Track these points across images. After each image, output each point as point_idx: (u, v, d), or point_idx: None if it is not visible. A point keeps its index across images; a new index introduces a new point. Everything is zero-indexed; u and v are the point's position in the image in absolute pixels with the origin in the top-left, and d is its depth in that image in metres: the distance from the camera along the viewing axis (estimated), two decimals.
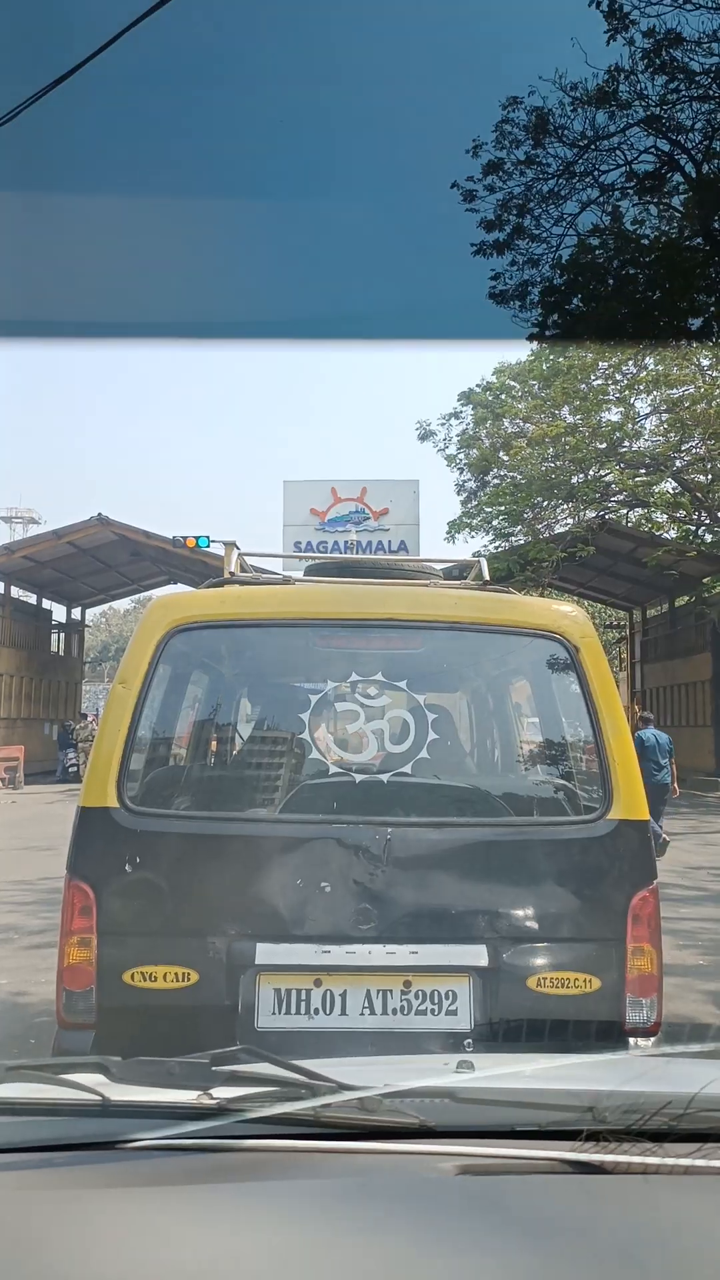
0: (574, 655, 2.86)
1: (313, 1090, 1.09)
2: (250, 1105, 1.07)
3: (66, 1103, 1.10)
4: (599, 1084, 1.21)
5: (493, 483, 22.77)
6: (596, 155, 17.00)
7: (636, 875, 2.72)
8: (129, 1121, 1.07)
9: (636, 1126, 1.03)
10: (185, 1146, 1.05)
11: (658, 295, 16.81)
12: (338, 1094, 1.07)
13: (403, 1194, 0.98)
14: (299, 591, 3.18)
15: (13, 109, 6.30)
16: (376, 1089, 1.08)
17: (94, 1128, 1.08)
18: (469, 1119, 1.09)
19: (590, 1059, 1.61)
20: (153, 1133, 1.05)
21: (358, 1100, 1.07)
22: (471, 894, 2.69)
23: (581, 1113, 1.06)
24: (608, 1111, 1.06)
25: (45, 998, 4.90)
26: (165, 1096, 1.11)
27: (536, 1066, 1.31)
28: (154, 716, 2.98)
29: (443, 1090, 1.12)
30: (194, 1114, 1.07)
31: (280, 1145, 1.05)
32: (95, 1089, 1.10)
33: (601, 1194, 0.98)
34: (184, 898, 2.69)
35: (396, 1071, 1.30)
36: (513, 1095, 1.13)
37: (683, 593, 25.79)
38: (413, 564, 4.08)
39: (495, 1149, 1.03)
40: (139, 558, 27.19)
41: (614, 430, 19.80)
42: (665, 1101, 1.04)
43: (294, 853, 2.69)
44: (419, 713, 2.91)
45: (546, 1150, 1.02)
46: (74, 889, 2.63)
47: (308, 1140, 1.05)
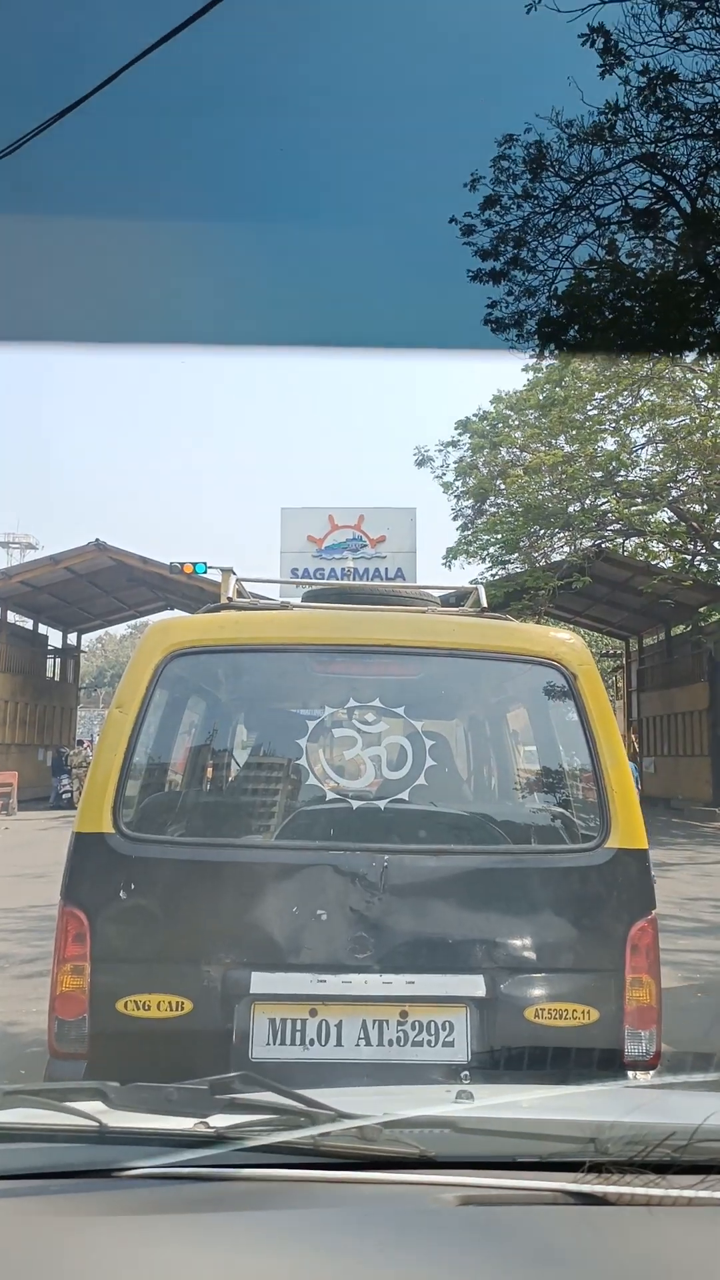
0: (572, 683, 2.86)
1: (312, 1118, 1.07)
2: (249, 1133, 1.05)
3: (64, 1129, 1.08)
4: (600, 1115, 1.19)
5: (490, 511, 22.88)
6: (592, 190, 17.29)
7: (635, 905, 2.69)
8: (126, 1149, 1.05)
9: (639, 1158, 1.01)
10: (183, 1175, 1.03)
11: (653, 327, 17.03)
12: (337, 1122, 1.05)
13: (403, 1225, 0.96)
14: (297, 617, 3.18)
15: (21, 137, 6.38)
16: (376, 1118, 1.06)
17: (91, 1154, 1.06)
18: (470, 1149, 1.07)
19: (591, 1089, 1.59)
20: (150, 1160, 1.04)
21: (357, 1129, 1.05)
22: (469, 923, 2.67)
23: (583, 1144, 1.05)
24: (609, 1143, 1.04)
25: (37, 1027, 4.83)
26: (163, 1123, 1.09)
27: (537, 1096, 1.30)
28: (151, 741, 2.97)
29: (443, 1120, 1.11)
30: (192, 1142, 1.05)
31: (279, 1174, 1.03)
32: (93, 1115, 1.08)
33: (604, 1226, 0.97)
34: (179, 925, 2.66)
35: (396, 1101, 1.28)
36: (514, 1126, 1.11)
37: (679, 622, 25.85)
38: (410, 590, 4.08)
39: (497, 1179, 1.01)
40: (136, 584, 27.22)
41: (610, 460, 19.95)
42: (668, 1133, 1.03)
43: (290, 880, 2.67)
44: (416, 739, 2.90)
45: (549, 1181, 1.01)
46: (68, 915, 2.61)
47: (307, 1169, 1.03)
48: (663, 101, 15.34)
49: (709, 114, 14.94)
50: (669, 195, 17.09)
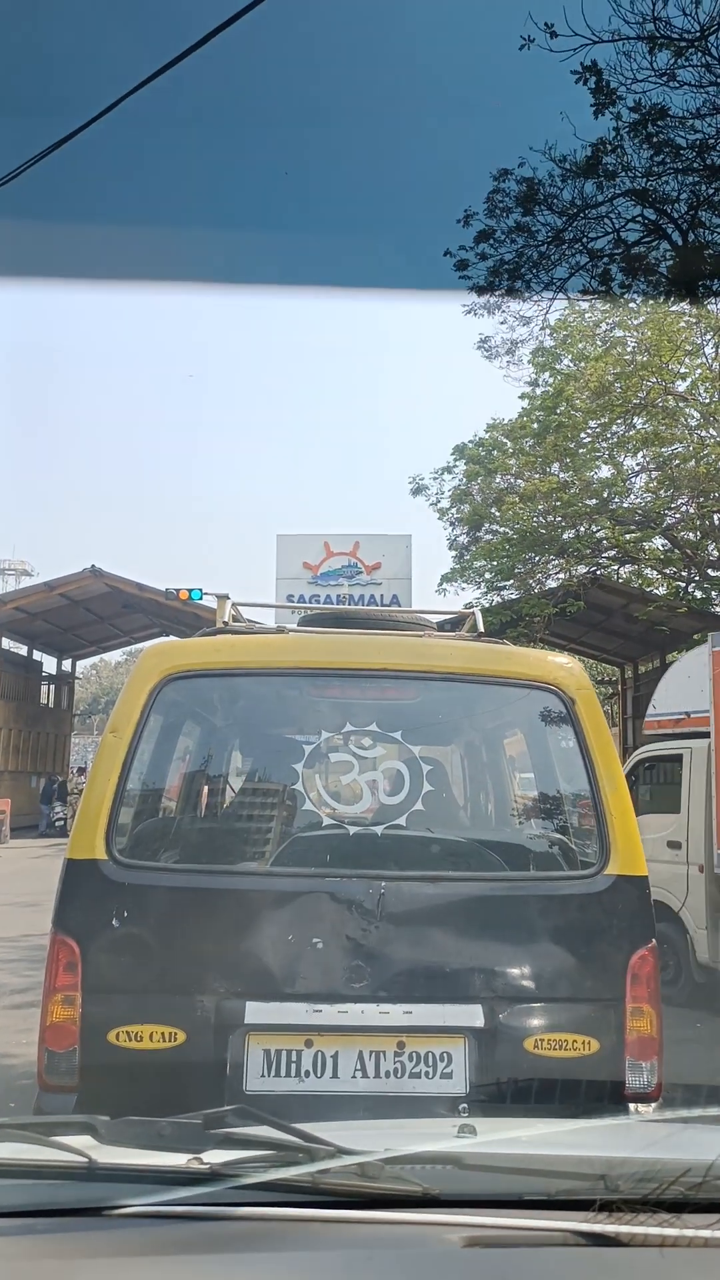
0: (570, 707, 2.84)
1: (310, 1155, 1.03)
2: (245, 1170, 1.01)
3: (52, 1165, 1.04)
4: (611, 1151, 1.15)
5: (485, 537, 22.95)
6: (585, 223, 17.54)
7: (635, 933, 2.66)
8: (117, 1186, 1.01)
9: (652, 1196, 0.97)
10: (176, 1214, 0.99)
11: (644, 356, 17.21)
12: (337, 1159, 1.01)
13: (407, 1267, 0.92)
14: (294, 641, 3.16)
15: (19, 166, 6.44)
16: (377, 1154, 1.02)
17: (80, 1192, 1.02)
18: (475, 1187, 1.03)
19: (601, 1124, 1.54)
20: (142, 1198, 0.99)
21: (358, 1166, 1.01)
22: (467, 951, 2.63)
23: (593, 1181, 1.01)
24: (621, 1180, 1.00)
25: (29, 1059, 4.76)
26: (155, 1160, 1.05)
27: (544, 1131, 1.26)
28: (145, 766, 2.93)
29: (447, 1156, 1.07)
30: (185, 1179, 1.01)
31: (276, 1214, 0.99)
32: (82, 1150, 1.04)
33: (616, 1267, 0.93)
34: (172, 953, 2.62)
35: (397, 1136, 1.24)
36: (521, 1162, 1.07)
37: (674, 649, 25.86)
38: (407, 615, 4.07)
39: (504, 1219, 0.97)
40: (131, 610, 27.20)
41: (605, 487, 20.06)
42: (682, 1170, 0.99)
43: (286, 907, 2.63)
44: (414, 764, 2.87)
45: (558, 1221, 0.96)
46: (59, 944, 2.56)
47: (306, 1209, 0.99)
48: (654, 137, 15.61)
49: (700, 150, 15.18)
50: (660, 229, 17.36)
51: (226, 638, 3.21)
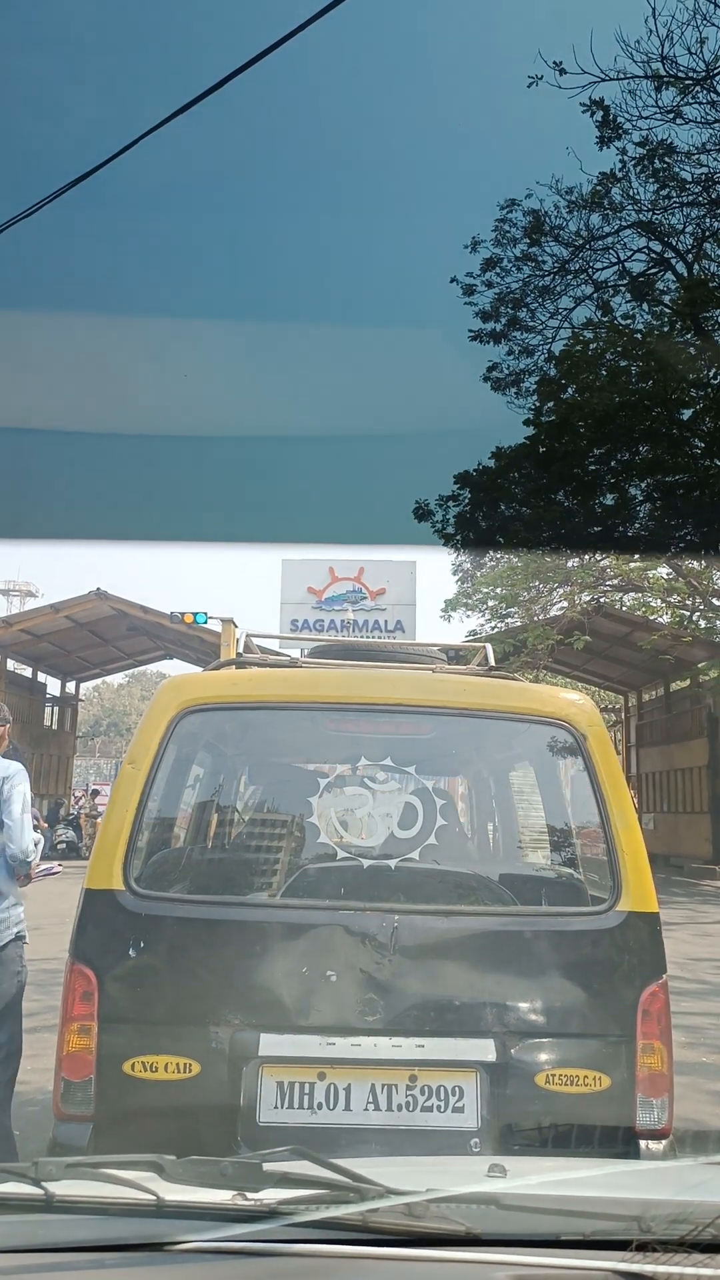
0: (581, 743, 2.87)
1: (361, 1194, 1.07)
2: (300, 1209, 1.05)
3: (120, 1202, 1.08)
4: (646, 1193, 1.19)
5: (489, 564, 23.04)
6: (590, 254, 17.79)
7: (647, 969, 2.68)
8: (180, 1223, 1.05)
9: (689, 1238, 1.00)
10: (236, 1250, 1.03)
11: (650, 386, 17.36)
12: (385, 1199, 1.05)
13: None
14: (309, 675, 3.20)
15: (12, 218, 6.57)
16: (422, 1194, 1.06)
17: (145, 1228, 1.06)
18: (515, 1227, 1.07)
19: (635, 1165, 1.57)
20: (204, 1235, 1.03)
21: (405, 1206, 1.05)
22: (479, 986, 2.65)
23: (629, 1222, 1.04)
24: (655, 1221, 1.04)
25: (37, 1085, 4.75)
26: (217, 1197, 1.09)
27: (580, 1175, 1.29)
28: (162, 798, 2.97)
29: (488, 1197, 1.10)
30: (245, 1216, 1.05)
31: (330, 1251, 1.03)
32: (148, 1188, 1.08)
33: None
34: (188, 985, 2.64)
35: (435, 1174, 1.28)
36: (558, 1203, 1.10)
37: (678, 677, 25.89)
38: (417, 648, 4.12)
39: (544, 1258, 1.01)
40: (136, 633, 27.29)
41: (609, 515, 20.15)
42: (718, 1213, 1.02)
43: (300, 939, 2.65)
44: (427, 798, 2.91)
45: (596, 1260, 1.00)
46: (76, 973, 2.58)
47: (357, 1245, 1.03)
48: (660, 171, 15.87)
49: (705, 185, 15.41)
50: (665, 260, 17.58)
51: (242, 671, 3.26)
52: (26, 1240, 1.05)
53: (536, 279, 18.05)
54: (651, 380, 17.59)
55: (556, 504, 20.40)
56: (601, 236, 17.43)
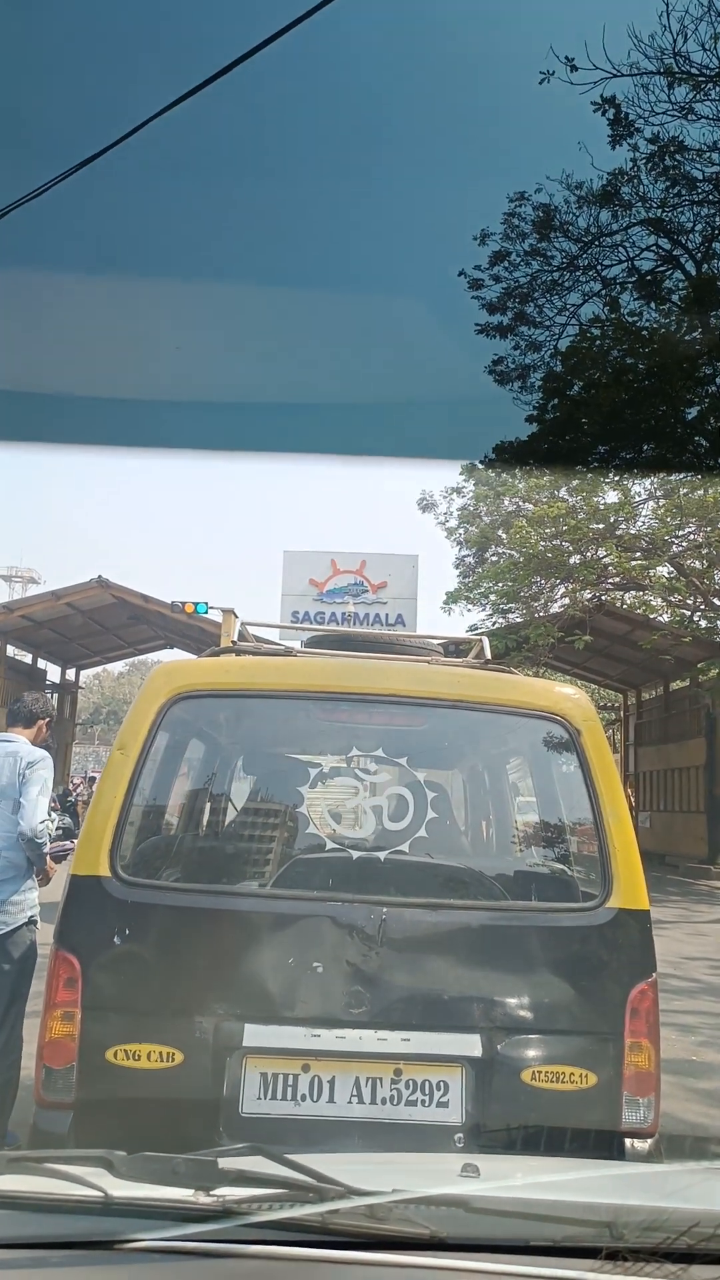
0: (576, 738, 2.85)
1: (320, 1194, 1.04)
2: (256, 1208, 1.02)
3: (67, 1199, 1.05)
4: (619, 1198, 1.16)
5: (491, 559, 23.00)
6: (599, 251, 17.70)
7: (636, 967, 2.65)
8: (130, 1220, 1.02)
9: (661, 1247, 0.97)
10: (187, 1250, 1.00)
11: (655, 383, 17.29)
12: (347, 1199, 1.02)
13: None
14: (302, 664, 3.17)
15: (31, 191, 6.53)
16: (386, 1195, 1.03)
17: (93, 1226, 1.03)
18: (482, 1231, 1.04)
19: (608, 1168, 1.54)
20: (154, 1233, 1.00)
21: (367, 1208, 1.02)
22: (466, 980, 2.63)
23: (600, 1228, 1.01)
24: (627, 1228, 1.00)
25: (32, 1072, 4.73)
26: (169, 1194, 1.06)
27: (552, 1179, 1.26)
28: (151, 784, 2.94)
29: (455, 1199, 1.07)
30: (197, 1215, 1.02)
31: (286, 1253, 1.00)
32: (97, 1184, 1.05)
33: None
34: (173, 973, 2.62)
35: (403, 1175, 1.25)
36: (527, 1206, 1.07)
37: (678, 677, 25.84)
38: (414, 639, 4.09)
39: (510, 1266, 0.98)
40: (137, 621, 27.25)
41: (612, 512, 20.11)
42: (692, 1221, 0.99)
43: (287, 930, 2.63)
44: (418, 790, 2.88)
45: (564, 1269, 0.97)
46: (60, 960, 2.56)
47: (315, 1248, 0.99)
48: (670, 169, 15.78)
49: (716, 183, 15.33)
50: (674, 258, 17.50)
51: (235, 659, 3.23)
52: None
53: (544, 274, 17.97)
54: (657, 378, 17.52)
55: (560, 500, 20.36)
56: (610, 233, 17.35)
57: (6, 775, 4.20)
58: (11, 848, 4.15)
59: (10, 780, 4.19)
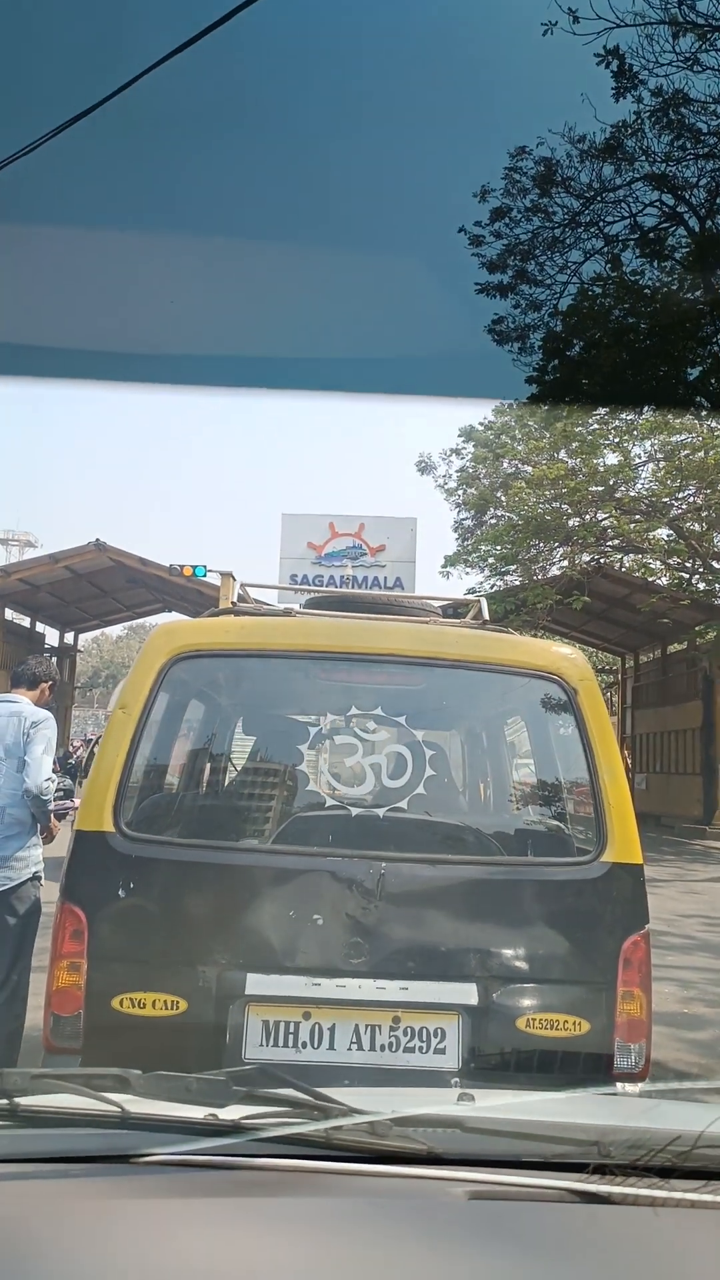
0: (572, 697, 2.88)
1: (324, 1113, 1.10)
2: (264, 1125, 1.08)
3: (86, 1114, 1.11)
4: (604, 1119, 1.23)
5: (490, 522, 22.95)
6: (601, 207, 17.43)
7: (629, 919, 2.72)
8: (146, 1135, 1.08)
9: (642, 1162, 1.04)
10: (200, 1163, 1.06)
11: (656, 344, 17.12)
12: (349, 1117, 1.09)
13: (413, 1216, 0.99)
14: (301, 624, 3.20)
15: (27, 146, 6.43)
16: (386, 1114, 1.09)
17: (112, 1140, 1.09)
18: (476, 1148, 1.10)
19: (594, 1094, 1.62)
20: (168, 1147, 1.07)
21: (368, 1125, 1.08)
22: (463, 932, 2.69)
23: (587, 1147, 1.08)
24: (613, 1146, 1.07)
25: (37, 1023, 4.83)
26: (182, 1112, 1.12)
27: (542, 1099, 1.33)
28: (153, 743, 2.98)
29: (451, 1119, 1.13)
30: (210, 1130, 1.08)
31: (292, 1165, 1.06)
32: (115, 1101, 1.11)
33: (608, 1224, 1.00)
34: (176, 925, 2.68)
35: (402, 1100, 1.32)
36: (519, 1127, 1.14)
37: (675, 640, 25.91)
38: (412, 600, 4.11)
39: (504, 1176, 1.05)
40: (135, 585, 27.22)
41: (611, 474, 20.03)
42: (671, 1138, 1.06)
43: (287, 884, 2.69)
44: (416, 749, 2.93)
45: (554, 1180, 1.04)
46: (66, 912, 2.62)
47: (319, 1161, 1.06)
48: (675, 122, 15.49)
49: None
50: (678, 214, 17.24)
51: (234, 619, 3.25)
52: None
53: (546, 231, 17.71)
54: (658, 338, 17.34)
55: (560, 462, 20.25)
56: (613, 188, 17.08)
57: (11, 735, 4.28)
58: (17, 805, 4.22)
59: (15, 740, 4.27)
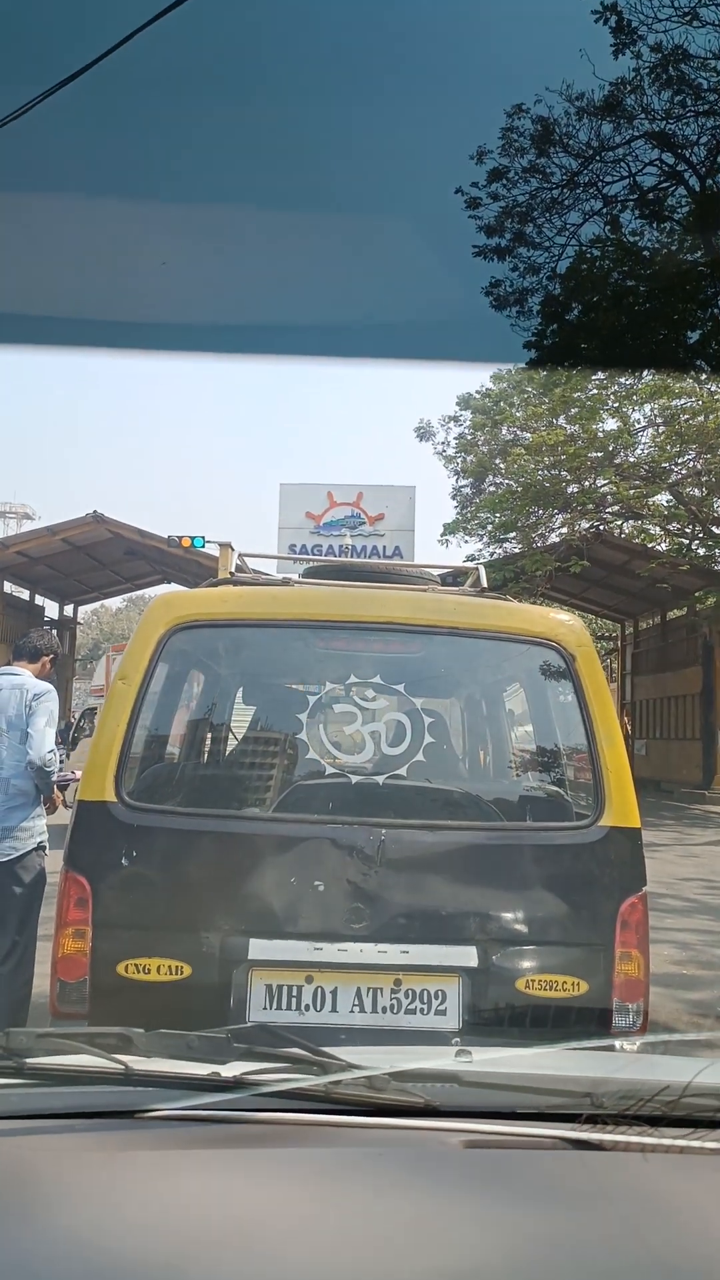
0: (570, 663, 2.89)
1: (324, 1068, 1.13)
2: (265, 1080, 1.11)
3: (91, 1071, 1.14)
4: (596, 1071, 1.26)
5: (489, 490, 22.84)
6: (600, 167, 17.16)
7: (627, 882, 2.75)
8: (150, 1091, 1.12)
9: (632, 1111, 1.08)
10: (203, 1117, 1.09)
11: (656, 306, 16.93)
12: (348, 1072, 1.12)
13: (411, 1165, 1.02)
14: (299, 593, 3.20)
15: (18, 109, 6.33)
16: (384, 1069, 1.12)
17: (116, 1097, 1.12)
18: (472, 1100, 1.14)
19: (586, 1047, 1.67)
20: (172, 1103, 1.10)
21: (366, 1079, 1.11)
22: (463, 896, 2.72)
23: (579, 1098, 1.11)
24: (605, 1097, 1.11)
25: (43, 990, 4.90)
26: (184, 1068, 1.15)
27: (534, 1053, 1.36)
28: (153, 714, 3.00)
29: (447, 1074, 1.17)
30: (212, 1086, 1.11)
31: (293, 1119, 1.10)
32: (119, 1059, 1.14)
33: (601, 1170, 1.03)
34: (179, 892, 2.71)
35: (400, 1056, 1.35)
36: (514, 1080, 1.17)
37: (675, 606, 25.92)
38: (411, 569, 4.11)
39: (499, 1126, 1.08)
40: (133, 556, 27.16)
41: (611, 440, 19.90)
42: (660, 1088, 1.09)
43: (288, 851, 2.71)
44: (415, 716, 2.94)
45: (548, 1129, 1.07)
46: (70, 881, 2.66)
47: (319, 1114, 1.09)
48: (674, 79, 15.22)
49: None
50: (678, 173, 16.97)
51: (232, 589, 3.26)
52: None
53: (544, 192, 17.45)
54: (658, 300, 17.15)
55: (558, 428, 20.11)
56: (612, 147, 16.80)
57: (14, 707, 4.32)
58: (21, 776, 4.26)
59: (18, 712, 4.31)
